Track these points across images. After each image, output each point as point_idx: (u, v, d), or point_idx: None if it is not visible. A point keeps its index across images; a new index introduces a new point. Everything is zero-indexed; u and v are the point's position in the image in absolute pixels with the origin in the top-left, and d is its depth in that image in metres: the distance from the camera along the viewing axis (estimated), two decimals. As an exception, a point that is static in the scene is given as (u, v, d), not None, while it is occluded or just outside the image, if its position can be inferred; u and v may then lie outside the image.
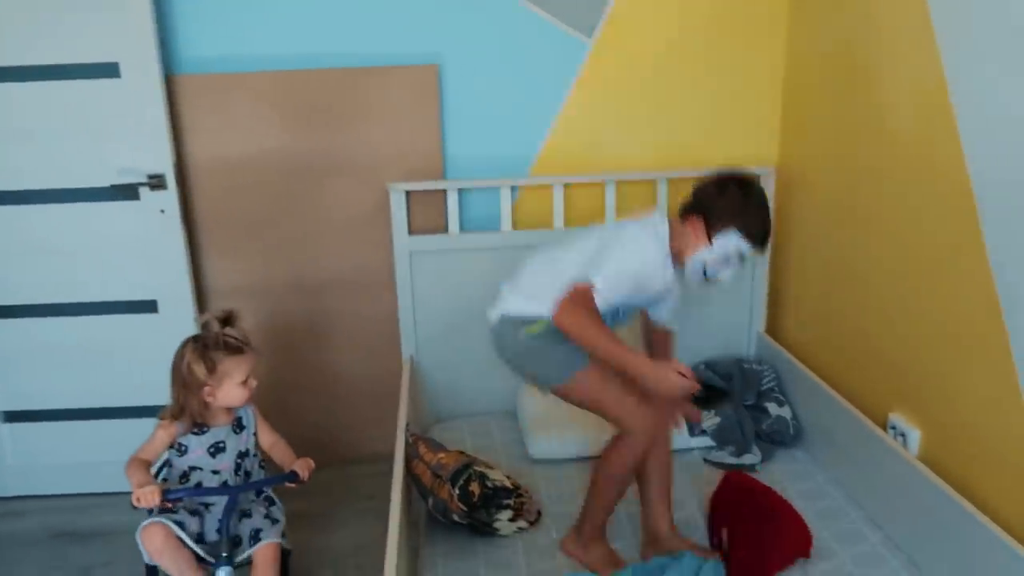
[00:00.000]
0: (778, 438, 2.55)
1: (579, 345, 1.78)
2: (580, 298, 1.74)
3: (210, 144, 2.65)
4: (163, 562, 1.85)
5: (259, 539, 1.90)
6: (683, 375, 1.72)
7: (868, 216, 2.30)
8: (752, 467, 2.47)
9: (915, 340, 2.08)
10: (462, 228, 2.79)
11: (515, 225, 2.80)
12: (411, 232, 2.73)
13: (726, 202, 1.82)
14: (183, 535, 1.81)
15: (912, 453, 2.06)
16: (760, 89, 2.83)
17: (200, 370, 1.86)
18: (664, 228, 1.88)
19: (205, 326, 1.93)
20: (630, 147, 2.86)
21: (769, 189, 2.82)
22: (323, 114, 2.67)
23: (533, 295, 1.86)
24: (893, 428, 2.16)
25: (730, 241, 1.82)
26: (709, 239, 1.82)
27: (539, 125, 2.81)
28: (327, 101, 2.66)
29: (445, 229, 2.78)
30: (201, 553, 1.85)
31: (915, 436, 2.07)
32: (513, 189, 2.79)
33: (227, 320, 1.96)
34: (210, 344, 1.90)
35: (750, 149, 2.88)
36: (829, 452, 2.42)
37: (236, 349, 1.92)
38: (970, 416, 1.87)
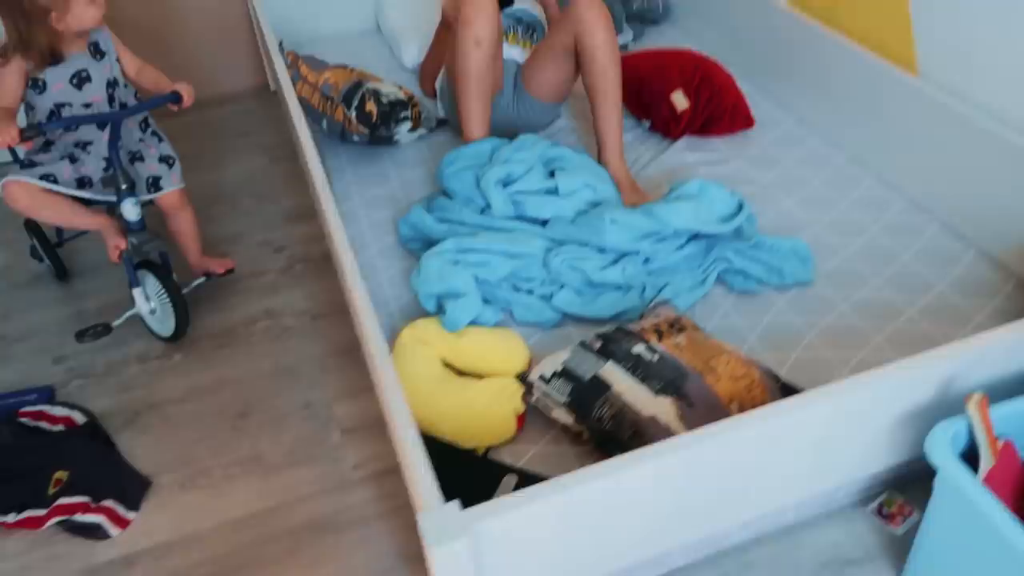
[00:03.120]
0: (649, 16, 2.59)
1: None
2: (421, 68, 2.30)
3: None
4: (43, 216, 1.70)
5: (160, 187, 1.78)
6: None
7: None
8: (624, 47, 2.53)
9: None
10: None
11: None
12: None
13: None
14: (51, 185, 1.64)
15: (781, 3, 2.16)
16: None
17: None
18: None
19: None
20: None
21: None
22: None
23: None
24: (762, -20, 2.23)
25: None
26: None
27: None
28: None
29: None
30: (88, 196, 1.72)
31: (783, -16, 2.16)
32: None
33: None
34: None
35: None
36: (698, 20, 2.51)
37: None
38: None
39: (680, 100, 2.03)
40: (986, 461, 1.06)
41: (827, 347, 1.47)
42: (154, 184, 1.78)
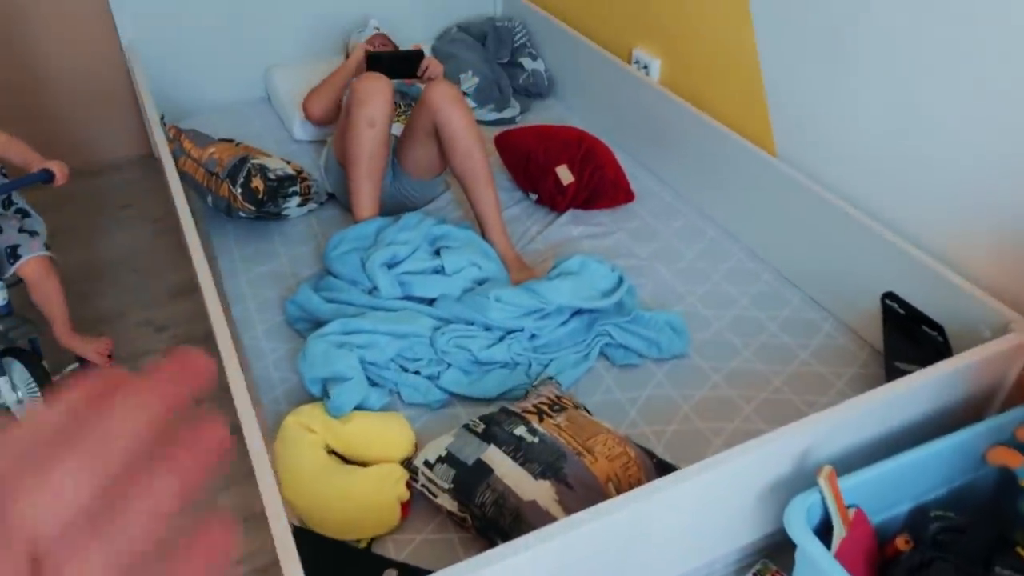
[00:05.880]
0: (535, 90, 2.70)
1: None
2: (307, 96, 2.32)
3: None
4: None
5: (18, 256, 1.70)
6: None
7: None
8: (512, 119, 2.62)
9: (656, -27, 2.22)
10: None
11: None
12: None
13: None
14: None
15: (654, 79, 2.30)
16: None
17: None
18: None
19: None
20: None
21: None
22: None
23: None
24: (637, 61, 2.37)
25: None
26: None
27: None
28: None
29: None
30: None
31: (656, 65, 2.30)
32: None
33: None
34: None
35: None
36: (581, 96, 2.63)
37: None
38: (705, 40, 2.10)
39: (565, 174, 2.11)
40: (839, 531, 1.13)
41: (701, 419, 1.54)
42: (12, 254, 1.70)
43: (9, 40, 2.39)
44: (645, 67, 2.33)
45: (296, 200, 2.07)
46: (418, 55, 2.15)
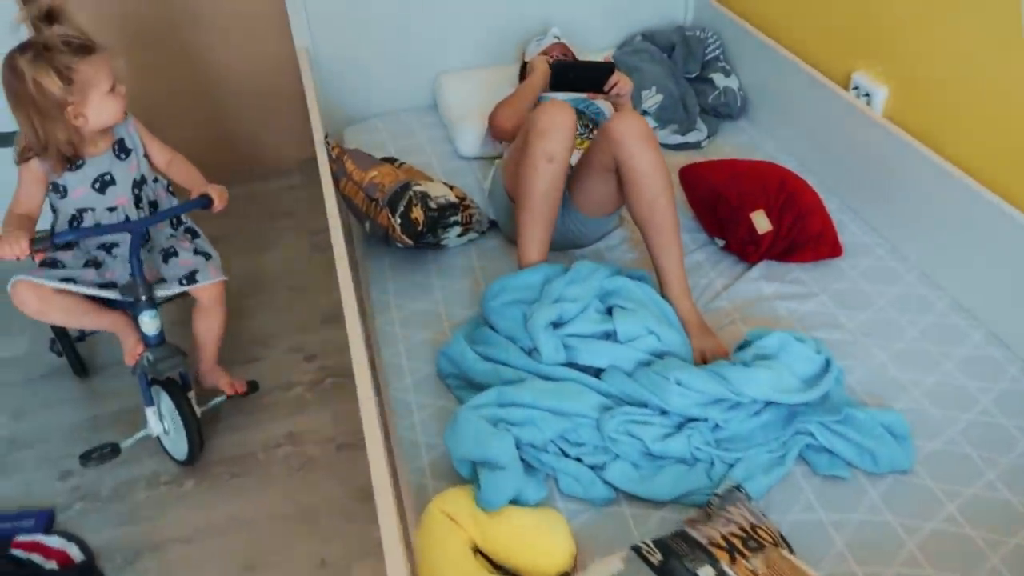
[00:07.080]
0: (725, 111, 2.39)
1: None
2: (496, 108, 2.07)
3: None
4: (54, 320, 1.58)
5: (196, 280, 1.64)
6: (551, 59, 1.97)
7: None
8: (698, 144, 2.34)
9: (891, -15, 1.86)
10: None
11: None
12: None
13: None
14: (68, 286, 1.52)
15: (877, 111, 1.94)
16: None
17: (53, 83, 1.42)
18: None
19: (35, 29, 1.44)
20: None
21: None
22: None
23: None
24: (857, 88, 2.02)
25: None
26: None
27: None
28: None
29: None
30: (109, 296, 1.59)
31: (881, 94, 1.94)
32: None
33: (52, 16, 1.44)
34: (52, 47, 1.42)
35: None
36: (781, 121, 2.29)
37: (85, 48, 1.45)
38: (952, 69, 1.73)
39: (761, 222, 1.82)
40: None
41: (932, 564, 1.22)
42: (190, 278, 1.64)
43: (188, 48, 2.39)
44: (867, 95, 1.98)
45: (456, 230, 1.91)
46: (608, 68, 1.92)
